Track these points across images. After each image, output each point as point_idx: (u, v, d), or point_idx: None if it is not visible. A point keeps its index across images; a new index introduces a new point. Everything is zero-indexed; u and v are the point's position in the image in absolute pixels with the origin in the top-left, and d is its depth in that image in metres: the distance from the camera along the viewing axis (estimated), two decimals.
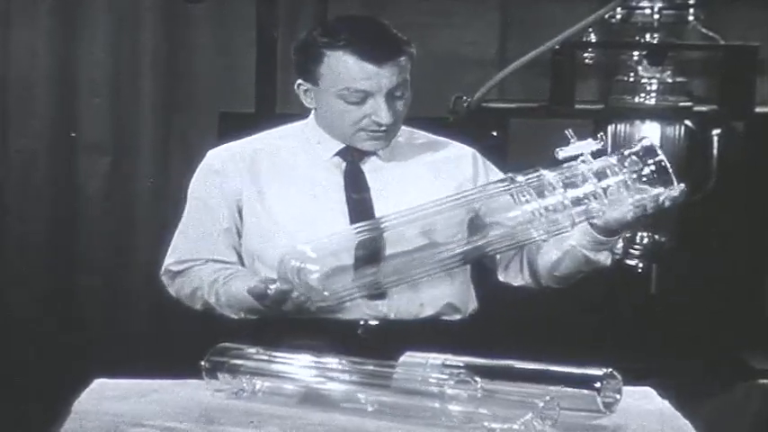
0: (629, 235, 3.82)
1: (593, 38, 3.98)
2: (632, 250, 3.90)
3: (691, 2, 3.96)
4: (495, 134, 3.87)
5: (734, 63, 3.94)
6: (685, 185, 2.44)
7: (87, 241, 4.26)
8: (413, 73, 2.67)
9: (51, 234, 4.25)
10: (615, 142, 3.82)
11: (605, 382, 2.18)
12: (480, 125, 3.81)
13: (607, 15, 3.87)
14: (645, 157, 2.43)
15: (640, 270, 3.92)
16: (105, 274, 4.27)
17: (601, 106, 4.03)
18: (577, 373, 2.19)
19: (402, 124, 2.71)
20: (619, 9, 3.91)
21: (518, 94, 4.07)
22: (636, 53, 3.98)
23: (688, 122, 3.92)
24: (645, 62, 3.94)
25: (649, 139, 2.47)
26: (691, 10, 3.96)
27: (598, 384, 2.16)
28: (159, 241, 2.83)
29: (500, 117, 3.93)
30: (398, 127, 2.69)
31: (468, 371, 2.18)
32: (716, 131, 3.91)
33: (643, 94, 3.93)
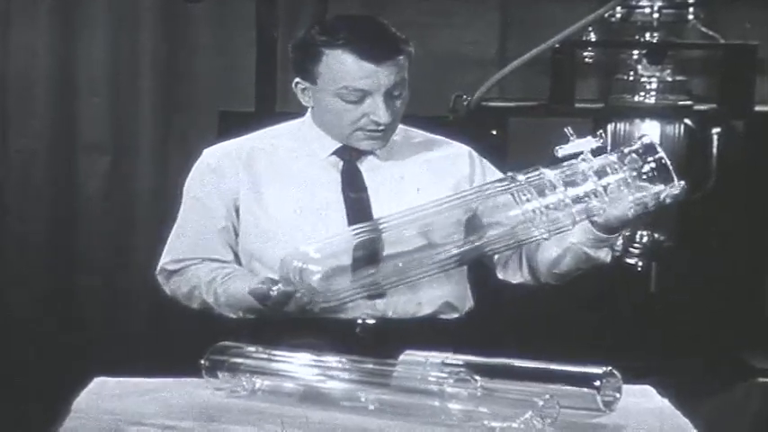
0: (628, 233, 3.83)
1: (592, 37, 3.98)
2: (632, 249, 3.91)
3: (690, 1, 3.96)
4: (494, 133, 3.88)
5: (733, 62, 3.94)
6: (685, 184, 2.44)
7: (87, 241, 4.26)
8: (413, 72, 2.66)
9: (51, 234, 4.25)
10: (615, 141, 3.81)
11: (605, 381, 2.17)
12: (480, 124, 3.81)
13: (607, 14, 3.87)
14: (645, 155, 2.43)
15: (640, 269, 3.92)
16: (105, 274, 4.27)
17: (600, 105, 4.03)
18: (577, 372, 2.19)
19: (399, 123, 2.71)
20: (618, 8, 3.91)
21: (518, 93, 4.07)
22: (636, 52, 3.99)
23: (688, 121, 3.92)
24: (644, 61, 3.94)
25: (649, 137, 2.47)
26: (690, 9, 3.96)
27: (598, 383, 2.16)
28: (159, 241, 2.81)
29: (500, 116, 3.93)
30: (396, 126, 2.69)
31: (467, 369, 2.18)
32: (715, 130, 3.91)
33: (643, 93, 3.94)
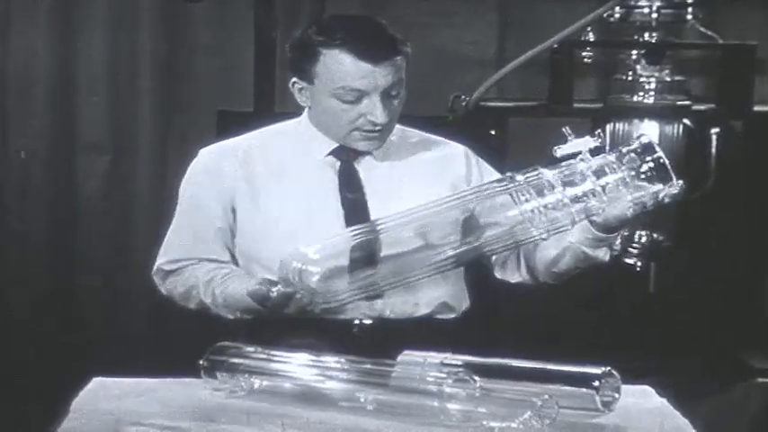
0: (627, 233, 3.83)
1: (591, 37, 3.98)
2: (631, 249, 3.90)
3: (689, 1, 3.95)
4: (493, 133, 3.88)
5: (732, 62, 3.94)
6: (684, 184, 2.45)
7: (87, 241, 4.26)
8: (412, 72, 2.66)
9: (51, 234, 4.25)
10: (614, 141, 3.81)
11: (604, 381, 2.17)
12: (479, 124, 3.81)
13: (606, 14, 3.87)
14: (643, 154, 2.43)
15: (639, 268, 3.92)
16: (105, 274, 4.27)
17: (599, 105, 4.03)
18: (576, 372, 2.19)
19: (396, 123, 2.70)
20: (617, 8, 3.91)
21: (517, 93, 4.06)
22: (634, 52, 3.99)
23: (686, 121, 3.92)
24: (643, 61, 3.94)
25: (647, 137, 2.47)
26: (689, 9, 3.96)
27: (597, 383, 2.16)
28: (158, 241, 2.81)
29: (499, 116, 3.93)
30: (393, 126, 2.68)
31: (466, 369, 2.18)
32: (714, 130, 3.90)
33: (641, 93, 3.93)
